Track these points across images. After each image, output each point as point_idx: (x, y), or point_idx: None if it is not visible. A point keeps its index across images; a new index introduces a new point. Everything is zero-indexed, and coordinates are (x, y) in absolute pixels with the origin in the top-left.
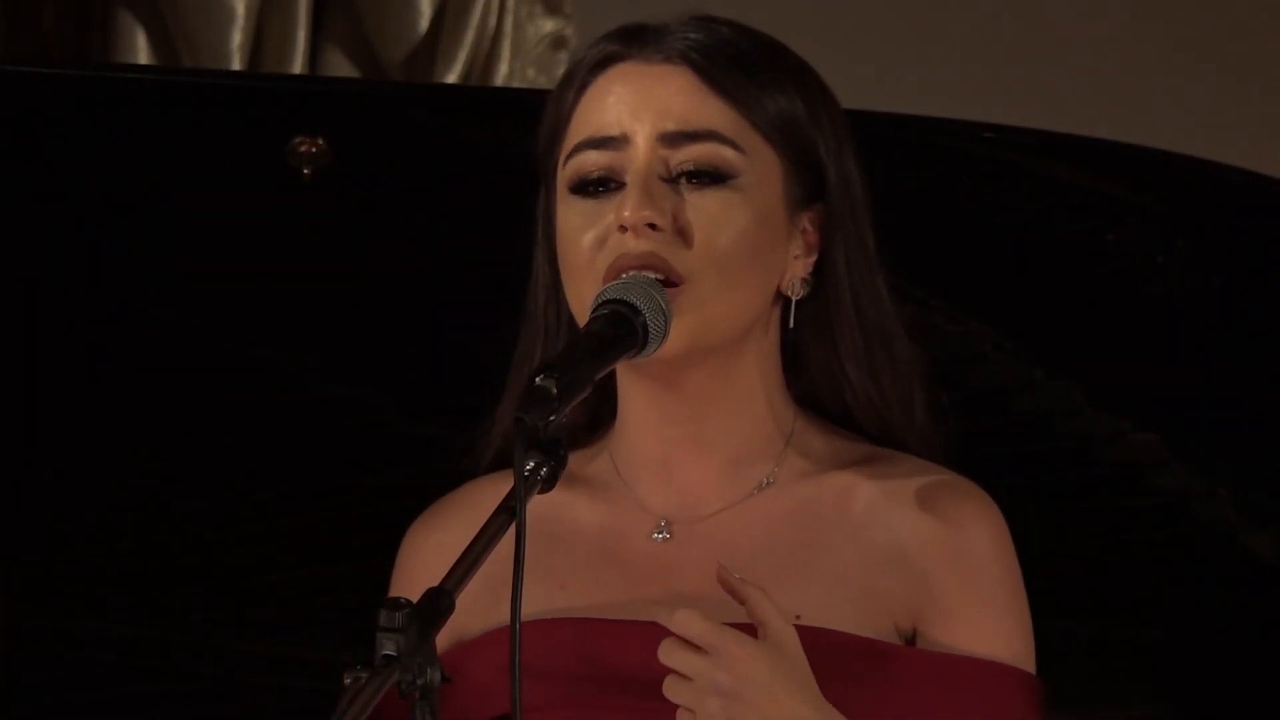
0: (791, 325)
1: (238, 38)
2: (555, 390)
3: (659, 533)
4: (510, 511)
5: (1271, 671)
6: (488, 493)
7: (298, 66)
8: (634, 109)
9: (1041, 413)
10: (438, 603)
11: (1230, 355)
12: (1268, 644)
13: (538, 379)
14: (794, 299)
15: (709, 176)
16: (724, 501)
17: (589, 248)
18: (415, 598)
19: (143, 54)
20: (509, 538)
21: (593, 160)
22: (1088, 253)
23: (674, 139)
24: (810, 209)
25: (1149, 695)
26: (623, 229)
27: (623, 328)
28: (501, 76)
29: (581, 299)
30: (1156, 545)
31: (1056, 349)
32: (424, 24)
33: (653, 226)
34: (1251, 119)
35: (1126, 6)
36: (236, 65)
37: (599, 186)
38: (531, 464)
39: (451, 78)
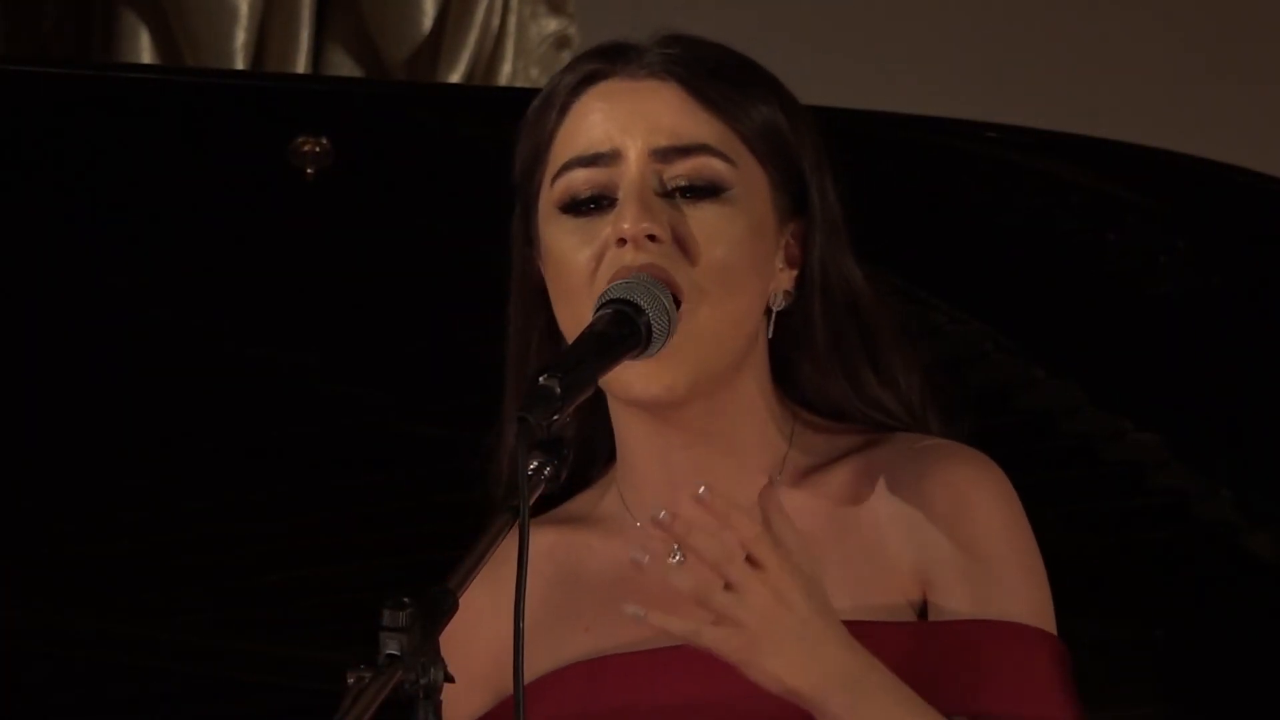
0: (770, 336)
1: (241, 37)
2: (558, 390)
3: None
4: (514, 511)
5: (1271, 671)
6: (511, 544)
7: (301, 66)
8: (623, 125)
9: (1042, 412)
10: (440, 602)
11: (1231, 355)
12: (1268, 644)
13: (541, 378)
14: (775, 310)
15: (703, 190)
16: None
17: (585, 265)
18: (467, 665)
19: (146, 54)
20: (538, 592)
21: (583, 178)
22: (1089, 252)
23: (666, 154)
24: (793, 221)
25: (1149, 695)
26: (621, 242)
27: (626, 327)
28: (505, 76)
29: (580, 319)
30: (1157, 545)
31: (1057, 348)
32: (427, 23)
33: (652, 238)
34: (1253, 119)
35: (1128, 6)
36: (240, 65)
37: (590, 204)
38: (535, 464)
39: (455, 77)
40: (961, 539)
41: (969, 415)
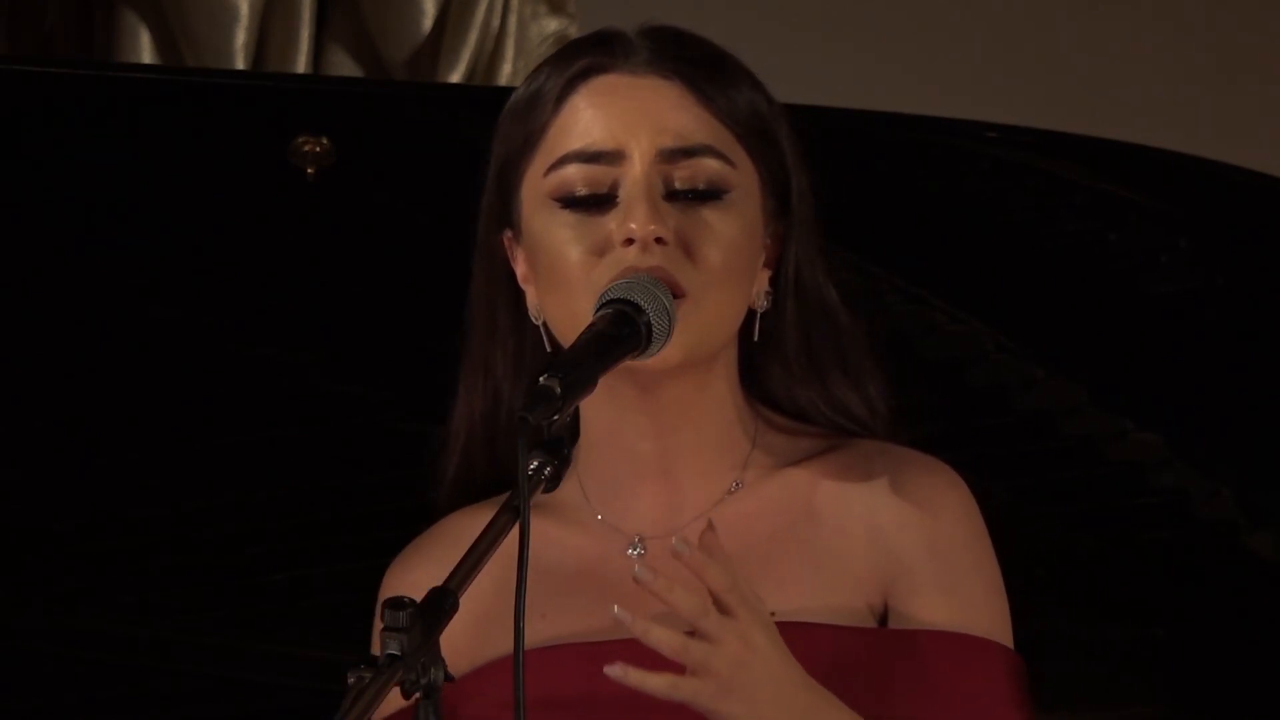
0: (756, 338)
1: (241, 37)
2: (559, 389)
3: (634, 549)
4: (513, 511)
5: (1271, 671)
6: (466, 525)
7: (301, 66)
8: (628, 124)
9: (1044, 412)
10: (441, 602)
11: (1232, 355)
12: (1268, 644)
13: (541, 378)
14: (759, 311)
15: (706, 193)
16: (696, 511)
17: (582, 260)
18: None
19: (146, 53)
20: (493, 578)
21: (581, 175)
22: (1090, 252)
23: (672, 155)
24: (774, 223)
25: (1149, 695)
26: (628, 242)
27: (626, 327)
28: (505, 76)
29: (575, 314)
30: (1158, 545)
31: (1059, 348)
32: (427, 23)
33: (659, 241)
34: (1253, 118)
35: (1128, 6)
36: (240, 65)
37: (589, 201)
38: (535, 463)
39: (455, 77)
40: (925, 549)
41: (970, 415)
